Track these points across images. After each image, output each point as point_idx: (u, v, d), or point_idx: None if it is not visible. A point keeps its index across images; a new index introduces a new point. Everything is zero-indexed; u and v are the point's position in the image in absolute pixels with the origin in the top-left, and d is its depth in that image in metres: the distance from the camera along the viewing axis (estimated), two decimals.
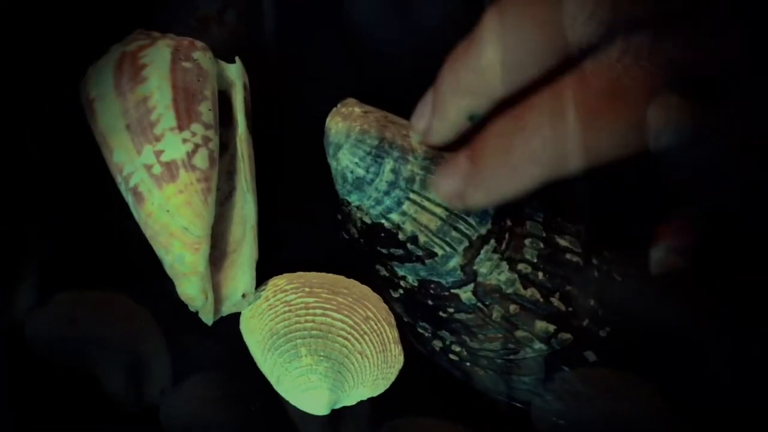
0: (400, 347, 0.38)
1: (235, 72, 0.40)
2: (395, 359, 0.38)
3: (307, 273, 0.39)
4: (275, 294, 0.38)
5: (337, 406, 0.37)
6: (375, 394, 0.37)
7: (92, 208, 0.41)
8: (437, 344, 0.38)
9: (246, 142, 0.38)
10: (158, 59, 0.38)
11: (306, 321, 0.37)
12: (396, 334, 0.38)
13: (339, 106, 0.36)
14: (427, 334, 0.38)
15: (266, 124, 0.41)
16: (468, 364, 0.38)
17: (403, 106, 0.37)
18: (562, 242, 0.37)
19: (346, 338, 0.37)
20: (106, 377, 0.39)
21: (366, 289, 0.38)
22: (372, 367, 0.37)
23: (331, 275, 0.39)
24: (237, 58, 0.40)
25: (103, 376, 0.39)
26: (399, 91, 0.39)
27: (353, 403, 0.37)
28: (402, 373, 0.38)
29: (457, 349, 0.37)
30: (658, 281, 0.35)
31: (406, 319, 0.38)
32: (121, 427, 0.38)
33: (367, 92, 0.37)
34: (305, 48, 0.44)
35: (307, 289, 0.38)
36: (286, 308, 0.37)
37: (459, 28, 0.39)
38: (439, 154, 0.36)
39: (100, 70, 0.38)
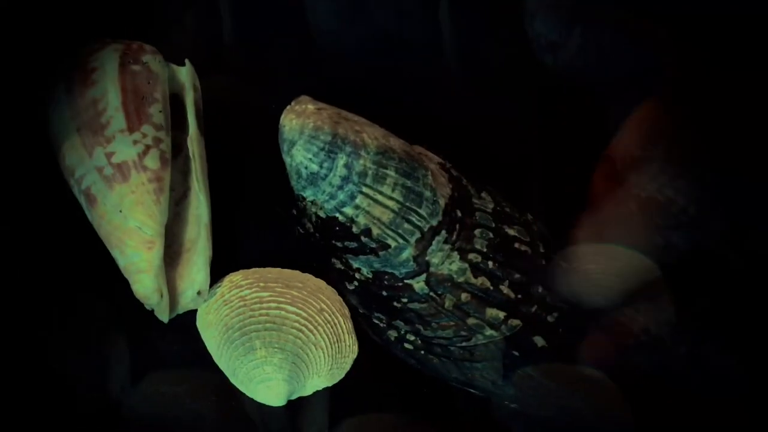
0: (354, 337, 0.38)
1: (185, 74, 0.41)
2: (349, 349, 0.38)
3: (263, 269, 0.39)
4: (230, 290, 0.38)
5: (293, 397, 0.38)
6: (331, 384, 0.38)
7: (44, 212, 0.41)
8: (392, 334, 0.39)
9: (197, 142, 0.39)
10: (107, 62, 0.38)
11: (260, 314, 0.37)
12: (350, 325, 0.39)
13: (293, 103, 0.37)
14: (382, 325, 0.39)
15: (222, 124, 0.42)
16: (422, 352, 0.38)
17: (357, 104, 0.38)
18: (511, 232, 0.38)
19: (300, 330, 0.37)
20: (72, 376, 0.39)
21: (321, 283, 0.39)
22: (327, 358, 0.38)
23: (286, 270, 0.39)
24: (187, 61, 0.41)
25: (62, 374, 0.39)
26: (353, 90, 0.40)
27: (309, 393, 0.38)
28: (360, 366, 0.39)
29: (412, 338, 0.38)
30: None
31: (361, 311, 0.39)
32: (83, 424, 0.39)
33: (321, 90, 0.38)
34: (261, 47, 0.45)
35: (261, 284, 0.38)
36: (241, 303, 0.38)
37: (413, 28, 0.40)
38: (390, 146, 0.37)
39: (54, 76, 0.39)
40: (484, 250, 0.37)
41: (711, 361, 0.36)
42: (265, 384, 0.37)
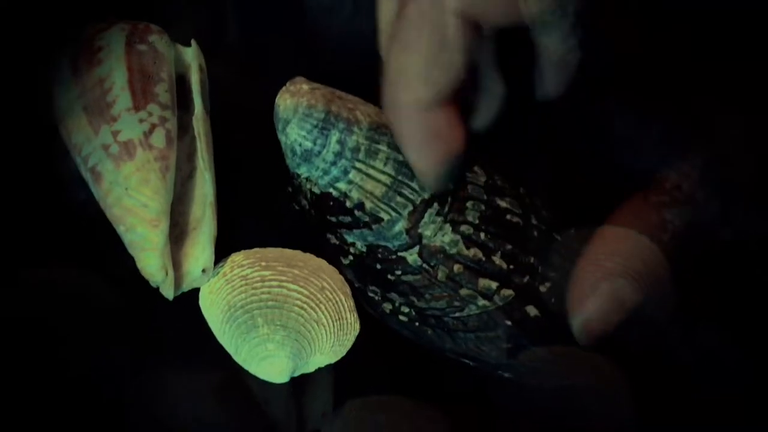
0: (355, 315, 0.39)
1: (191, 54, 0.41)
2: (351, 326, 0.39)
3: (264, 249, 0.40)
4: (232, 269, 0.39)
5: (296, 374, 0.38)
6: (333, 361, 0.38)
7: (52, 188, 0.42)
8: (387, 306, 0.39)
9: (202, 121, 0.39)
10: (114, 42, 0.38)
11: (262, 293, 0.38)
12: (352, 303, 0.39)
13: (288, 84, 0.37)
14: (377, 298, 0.39)
15: (225, 106, 0.42)
16: (417, 324, 0.39)
17: (353, 86, 0.38)
18: (503, 204, 0.38)
19: (302, 307, 0.38)
20: (68, 359, 0.40)
21: (321, 262, 0.39)
22: (329, 335, 0.38)
23: (287, 250, 0.40)
24: (193, 41, 0.41)
25: (64, 357, 0.39)
26: (351, 73, 0.40)
27: (312, 370, 0.38)
28: (361, 345, 0.39)
29: (406, 310, 0.39)
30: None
31: (357, 285, 0.39)
32: (86, 410, 0.39)
33: (318, 73, 0.39)
34: (262, 30, 0.45)
35: (263, 263, 0.39)
36: (243, 282, 0.38)
37: None
38: (383, 122, 0.37)
39: (59, 54, 0.39)
40: (476, 221, 0.37)
41: (706, 342, 0.37)
42: (268, 361, 0.37)
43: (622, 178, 0.37)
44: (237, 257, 0.39)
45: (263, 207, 0.43)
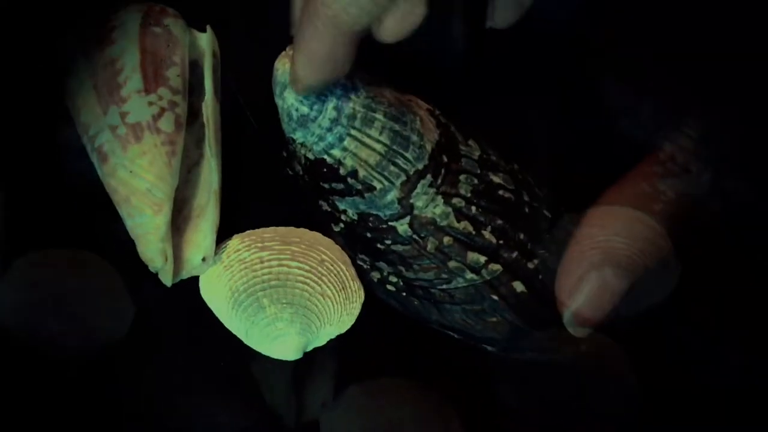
0: (358, 282, 0.39)
1: (205, 40, 0.41)
2: (356, 294, 0.39)
3: (257, 230, 0.40)
4: (229, 255, 0.39)
5: (309, 349, 0.38)
6: (343, 330, 0.38)
7: (55, 168, 0.41)
8: (375, 275, 0.39)
9: (212, 108, 0.39)
10: (128, 22, 0.39)
11: (263, 273, 0.38)
12: (353, 271, 0.39)
13: (287, 49, 0.37)
14: (365, 266, 0.39)
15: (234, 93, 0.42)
16: (404, 294, 0.39)
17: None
18: (496, 179, 0.38)
19: (305, 282, 0.38)
20: (66, 344, 0.39)
21: (317, 235, 0.39)
22: (335, 305, 0.38)
23: (280, 228, 0.40)
24: (208, 27, 0.41)
25: (62, 343, 0.39)
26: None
27: (323, 343, 0.38)
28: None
29: (394, 279, 0.39)
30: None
31: (346, 252, 0.39)
32: (78, 396, 0.39)
33: None
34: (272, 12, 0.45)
35: (259, 244, 0.39)
36: (243, 266, 0.38)
37: None
38: (381, 92, 0.37)
39: (73, 32, 0.39)
40: (468, 195, 0.37)
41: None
42: (280, 340, 0.37)
43: (618, 157, 0.37)
44: (232, 242, 0.39)
45: (254, 187, 0.43)
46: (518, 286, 0.38)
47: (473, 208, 0.37)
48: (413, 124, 0.37)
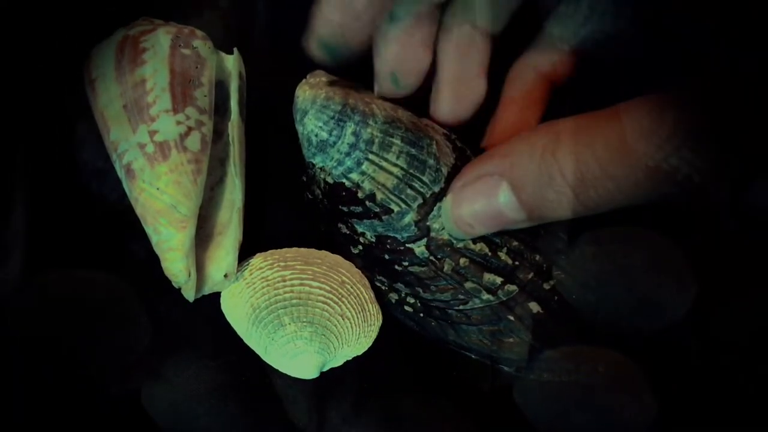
0: (377, 306, 0.39)
1: (232, 62, 0.41)
2: (374, 317, 0.39)
3: (279, 250, 0.40)
4: (251, 272, 0.39)
5: (326, 368, 0.39)
6: (360, 352, 0.39)
7: (83, 187, 0.42)
8: (393, 297, 0.40)
9: (237, 128, 0.40)
10: (158, 44, 0.39)
11: (285, 292, 0.38)
12: (371, 294, 0.39)
13: (308, 76, 0.38)
14: (383, 288, 0.40)
15: (259, 112, 0.43)
16: (421, 315, 0.39)
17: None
18: None
19: (325, 302, 0.38)
20: (88, 360, 0.40)
21: (338, 258, 0.40)
22: (354, 327, 0.39)
23: (302, 249, 0.40)
24: (235, 49, 0.42)
25: (84, 359, 0.40)
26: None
27: (340, 363, 0.39)
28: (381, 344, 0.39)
29: (411, 300, 0.39)
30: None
31: (365, 274, 0.40)
32: (100, 412, 0.40)
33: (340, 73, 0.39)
34: (295, 35, 0.46)
35: (282, 264, 0.39)
36: (265, 283, 0.39)
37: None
38: (397, 116, 0.38)
39: (103, 52, 0.40)
40: None
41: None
42: (299, 358, 0.38)
43: None
44: (255, 260, 0.40)
45: (277, 207, 0.43)
46: (534, 307, 0.38)
47: None
48: (429, 148, 0.38)
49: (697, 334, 0.38)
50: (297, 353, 0.38)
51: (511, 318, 0.38)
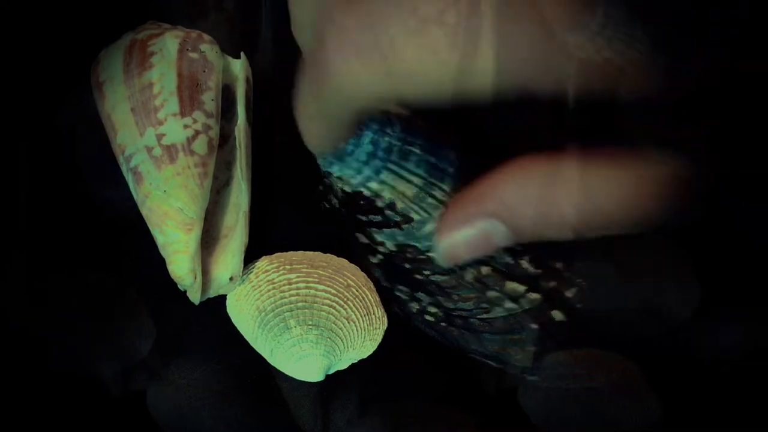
0: (382, 309, 0.39)
1: (239, 66, 0.42)
2: (379, 321, 0.39)
3: (285, 253, 0.40)
4: (257, 275, 0.39)
5: (331, 371, 0.39)
6: (365, 356, 0.39)
7: (89, 189, 0.42)
8: (414, 306, 0.39)
9: (244, 132, 0.40)
10: (166, 48, 0.39)
11: (291, 295, 0.38)
12: (377, 297, 0.39)
13: None
14: (404, 297, 0.39)
15: (264, 115, 0.43)
16: (443, 324, 0.39)
17: None
18: None
19: (331, 306, 0.38)
20: (91, 362, 0.40)
21: (343, 261, 0.40)
22: (359, 330, 0.39)
23: (309, 252, 0.40)
24: (242, 54, 0.42)
25: (87, 360, 0.40)
26: None
27: (345, 366, 0.39)
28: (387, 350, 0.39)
29: (433, 310, 0.39)
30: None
31: (384, 284, 0.39)
32: (105, 414, 0.40)
33: None
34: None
35: (288, 266, 0.39)
36: (271, 286, 0.39)
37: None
38: (415, 124, 0.37)
39: (111, 55, 0.40)
40: None
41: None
42: (304, 361, 0.38)
43: None
44: (260, 263, 0.40)
45: (283, 211, 0.43)
46: (557, 315, 0.38)
47: None
48: (448, 156, 0.37)
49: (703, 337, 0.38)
50: (302, 356, 0.38)
51: (535, 326, 0.38)
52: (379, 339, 0.39)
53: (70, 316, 0.40)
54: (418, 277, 0.38)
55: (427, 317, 0.39)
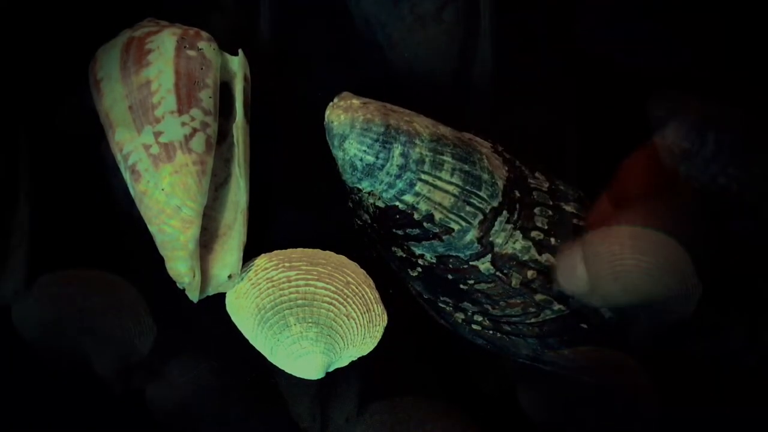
0: (382, 306, 0.39)
1: (237, 63, 0.41)
2: (379, 318, 0.39)
3: (284, 250, 0.40)
4: (257, 273, 0.39)
5: (331, 369, 0.38)
6: (365, 353, 0.39)
7: (88, 187, 0.42)
8: (459, 316, 0.39)
9: (242, 129, 0.39)
10: (163, 45, 0.38)
11: (290, 292, 0.38)
12: (377, 294, 0.39)
13: (336, 100, 0.36)
14: (448, 308, 0.39)
15: (264, 114, 0.43)
16: (491, 331, 0.39)
17: (398, 99, 0.38)
18: (569, 208, 0.38)
19: (330, 303, 0.38)
20: (92, 359, 0.40)
21: (343, 258, 0.39)
22: (359, 328, 0.38)
23: (308, 249, 0.40)
24: (240, 51, 0.42)
25: (88, 357, 0.40)
26: (395, 85, 0.40)
27: (345, 364, 0.39)
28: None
29: (480, 318, 0.38)
30: None
31: (426, 296, 0.39)
32: (105, 412, 0.40)
33: (360, 83, 0.38)
34: (301, 37, 0.45)
35: (287, 264, 0.39)
36: (270, 284, 0.38)
37: (455, 22, 0.40)
38: (442, 133, 0.36)
39: (108, 53, 0.39)
40: (546, 227, 0.37)
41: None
42: (304, 359, 0.38)
43: None
44: (259, 261, 0.39)
45: (281, 208, 0.43)
46: (606, 312, 0.38)
47: (552, 239, 0.37)
48: (481, 162, 0.37)
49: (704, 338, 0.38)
50: (302, 354, 0.38)
51: (584, 326, 0.38)
52: (379, 336, 0.39)
53: (69, 314, 0.40)
54: (462, 286, 0.38)
55: (474, 326, 0.39)
